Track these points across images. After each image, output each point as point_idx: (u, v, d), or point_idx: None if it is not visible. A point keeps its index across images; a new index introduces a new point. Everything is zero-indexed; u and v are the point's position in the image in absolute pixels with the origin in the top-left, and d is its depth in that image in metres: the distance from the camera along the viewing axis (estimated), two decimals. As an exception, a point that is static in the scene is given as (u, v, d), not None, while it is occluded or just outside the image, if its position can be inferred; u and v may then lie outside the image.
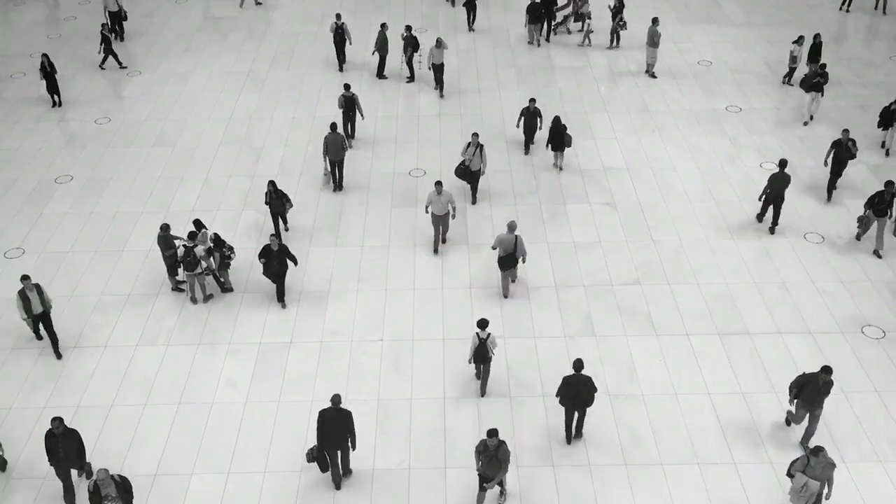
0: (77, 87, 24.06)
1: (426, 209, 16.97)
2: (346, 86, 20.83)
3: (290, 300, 16.32)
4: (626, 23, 25.63)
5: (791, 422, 13.39)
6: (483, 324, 13.65)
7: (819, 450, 11.16)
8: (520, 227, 18.14)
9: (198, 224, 16.30)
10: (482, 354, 13.70)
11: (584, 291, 16.46)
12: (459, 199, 19.00)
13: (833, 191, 18.76)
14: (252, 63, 25.36)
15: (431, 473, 12.96)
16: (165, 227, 15.90)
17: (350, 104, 20.80)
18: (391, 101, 23.24)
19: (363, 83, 24.14)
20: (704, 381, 14.51)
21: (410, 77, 24.15)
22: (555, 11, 26.54)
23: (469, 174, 18.48)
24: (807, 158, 20.44)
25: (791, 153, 20.65)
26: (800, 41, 22.87)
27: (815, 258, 17.26)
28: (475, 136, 18.26)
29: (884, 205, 16.78)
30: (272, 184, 17.07)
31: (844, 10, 28.35)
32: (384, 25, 23.64)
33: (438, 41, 22.43)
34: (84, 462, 12.37)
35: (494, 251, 17.42)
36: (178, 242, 16.23)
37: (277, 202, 17.27)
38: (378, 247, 17.71)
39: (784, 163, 17.51)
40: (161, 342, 15.44)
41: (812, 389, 12.61)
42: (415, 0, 29.44)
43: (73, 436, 12.08)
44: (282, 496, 12.66)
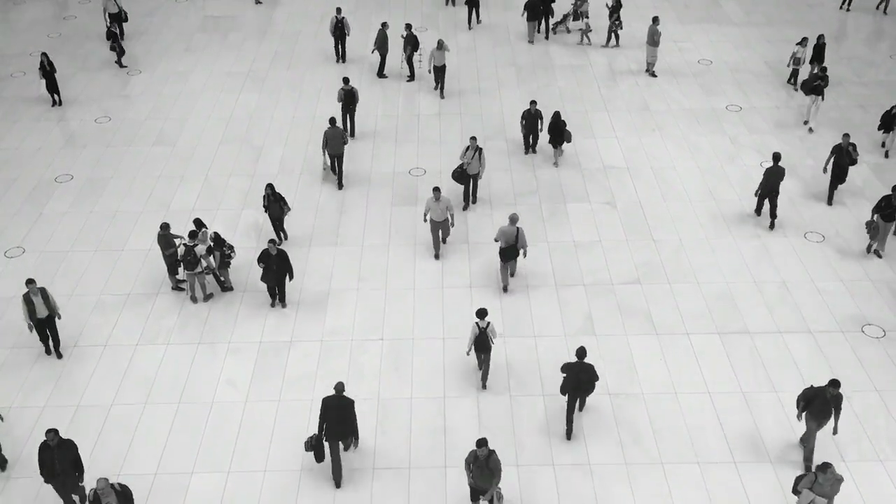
0: (77, 87, 24.06)
1: (424, 217, 16.80)
2: (346, 79, 20.91)
3: (290, 300, 16.32)
4: (622, 22, 25.62)
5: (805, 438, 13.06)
6: (482, 313, 13.78)
7: (827, 466, 10.96)
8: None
9: (198, 223, 16.29)
10: (482, 343, 13.81)
11: (585, 290, 16.46)
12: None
13: (834, 193, 18.66)
14: (252, 62, 25.36)
15: (431, 473, 12.96)
16: (165, 227, 15.90)
17: (349, 98, 20.90)
18: (391, 100, 23.23)
19: (363, 82, 24.13)
20: (704, 381, 14.51)
21: (410, 76, 24.14)
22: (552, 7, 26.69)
23: (467, 178, 18.34)
24: (807, 158, 20.44)
25: (791, 152, 20.65)
26: (803, 42, 22.76)
27: (816, 257, 17.26)
28: (473, 140, 18.12)
29: (891, 209, 16.54)
30: (270, 187, 16.96)
31: (845, 10, 28.34)
32: (385, 24, 23.63)
33: (440, 43, 22.37)
34: (82, 474, 11.97)
35: (495, 247, 17.43)
36: (179, 241, 16.23)
37: (275, 206, 17.15)
38: (378, 246, 17.71)
39: (778, 156, 17.58)
40: (161, 341, 15.44)
41: (820, 403, 12.33)
42: (415, 0, 29.48)
43: (69, 448, 11.70)
44: (282, 495, 12.66)
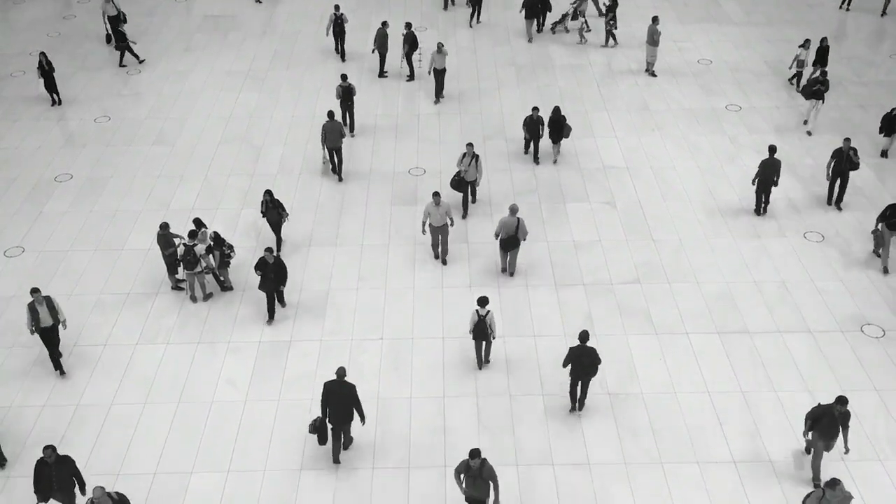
0: (77, 86, 24.05)
1: (423, 225, 16.57)
2: (344, 76, 21.11)
3: (290, 300, 16.31)
4: (616, 21, 25.61)
5: (819, 479, 12.74)
6: (483, 301, 14.06)
7: (835, 483, 10.79)
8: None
9: (198, 223, 16.29)
10: (481, 331, 14.05)
11: (584, 290, 16.46)
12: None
13: (833, 199, 18.60)
14: (252, 62, 25.35)
15: (431, 472, 12.96)
16: (165, 226, 15.89)
17: (347, 94, 21.11)
18: (391, 100, 23.23)
19: (363, 81, 24.12)
20: (704, 380, 14.51)
21: (410, 76, 24.14)
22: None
23: (465, 185, 18.16)
24: (806, 157, 20.44)
25: (791, 152, 20.65)
26: (806, 45, 22.56)
27: (815, 257, 17.26)
28: (470, 147, 17.94)
29: None
30: (269, 193, 16.79)
31: (845, 9, 28.33)
32: (384, 23, 23.64)
33: (439, 46, 22.21)
34: (84, 487, 11.77)
35: (495, 246, 17.44)
36: (178, 241, 16.23)
37: (273, 212, 16.94)
38: (378, 245, 17.70)
39: (773, 149, 17.81)
40: (161, 341, 15.44)
41: (828, 421, 12.14)
42: (414, 0, 29.47)
43: (67, 464, 11.47)
44: (281, 495, 12.66)
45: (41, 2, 29.68)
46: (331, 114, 19.24)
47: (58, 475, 11.42)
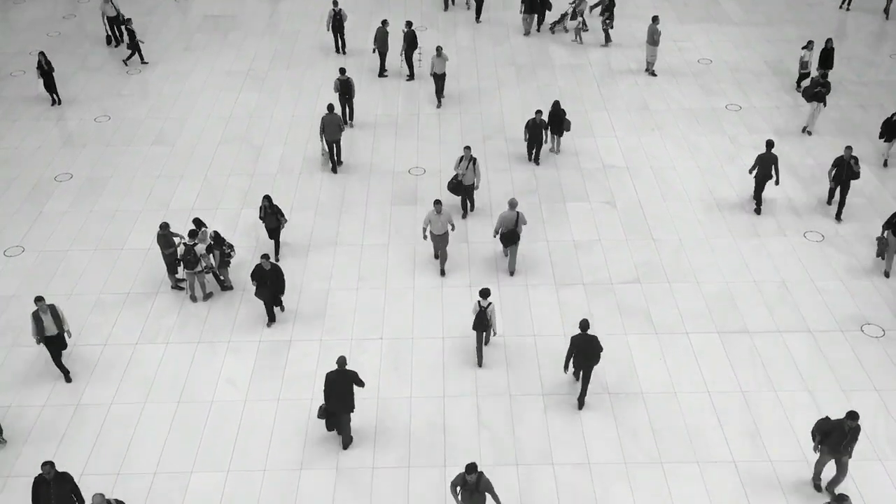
0: (77, 86, 24.05)
1: (424, 232, 16.40)
2: (342, 70, 21.28)
3: (290, 299, 16.31)
4: (612, 21, 25.63)
5: (820, 483, 12.60)
6: (485, 293, 14.14)
7: (843, 499, 10.72)
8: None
9: (197, 222, 16.29)
10: (482, 322, 14.15)
11: (584, 290, 16.46)
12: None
13: (831, 200, 18.52)
14: (252, 61, 25.35)
15: (431, 471, 12.96)
16: (165, 226, 15.89)
17: (346, 87, 21.31)
18: (391, 99, 23.23)
19: (363, 80, 24.12)
20: (704, 380, 14.51)
21: (410, 75, 24.13)
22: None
23: (462, 189, 18.03)
24: (807, 157, 20.44)
25: (791, 152, 20.64)
26: (809, 46, 22.44)
27: (815, 257, 17.26)
28: (467, 150, 17.72)
29: None
30: (267, 199, 16.58)
31: (845, 9, 28.32)
32: (384, 22, 23.66)
33: (439, 50, 21.95)
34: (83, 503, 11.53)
35: (495, 246, 17.44)
36: (178, 240, 16.23)
37: (272, 217, 16.76)
38: (378, 245, 17.70)
39: (771, 143, 17.94)
40: (161, 340, 15.44)
41: (838, 436, 11.86)
42: (414, 0, 29.46)
43: (66, 481, 11.23)
44: (281, 494, 12.66)
45: (41, 1, 29.68)
46: (330, 107, 19.50)
47: (56, 492, 11.18)
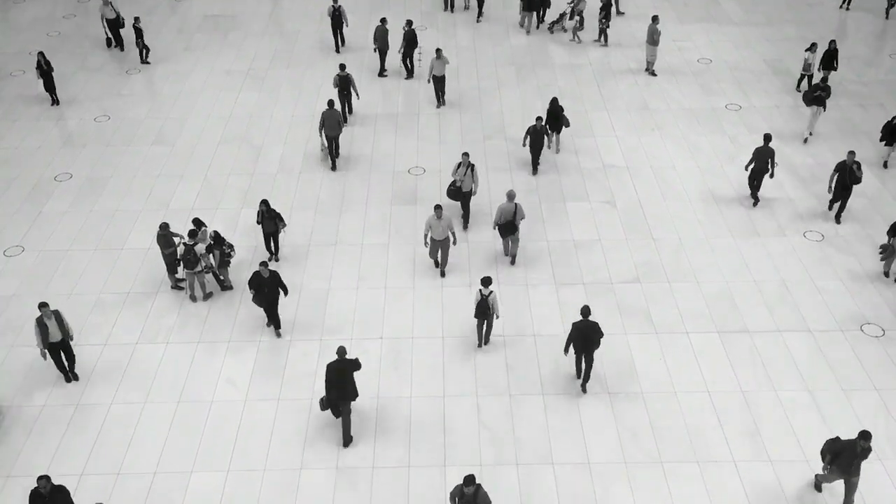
0: (76, 86, 24.05)
1: (425, 238, 16.27)
2: (342, 66, 21.29)
3: (290, 299, 16.31)
4: (609, 20, 25.65)
5: (821, 484, 12.48)
6: (486, 281, 14.32)
7: None
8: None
9: (197, 222, 16.28)
10: (483, 310, 14.41)
11: (584, 290, 16.46)
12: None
13: (832, 207, 18.24)
14: (252, 61, 25.35)
15: (431, 471, 12.96)
16: (165, 226, 15.89)
17: (345, 84, 21.39)
18: (391, 99, 23.23)
19: (363, 80, 24.12)
20: (704, 380, 14.51)
21: (409, 74, 24.14)
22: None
23: (461, 195, 17.77)
24: (807, 157, 20.44)
25: (791, 151, 20.64)
26: (812, 48, 22.30)
27: (815, 256, 17.26)
28: (465, 156, 17.45)
29: None
30: (265, 203, 16.39)
31: (844, 9, 28.32)
32: (383, 20, 23.68)
33: (439, 53, 21.78)
34: None
35: (495, 246, 17.44)
36: (178, 240, 16.22)
37: (270, 222, 16.53)
38: (378, 245, 17.70)
39: (768, 137, 18.04)
40: (160, 340, 15.44)
41: (849, 456, 11.60)
42: (414, 0, 29.46)
43: (62, 494, 11.14)
44: (281, 494, 12.67)
45: (41, 1, 29.67)
46: (330, 102, 19.64)
47: None
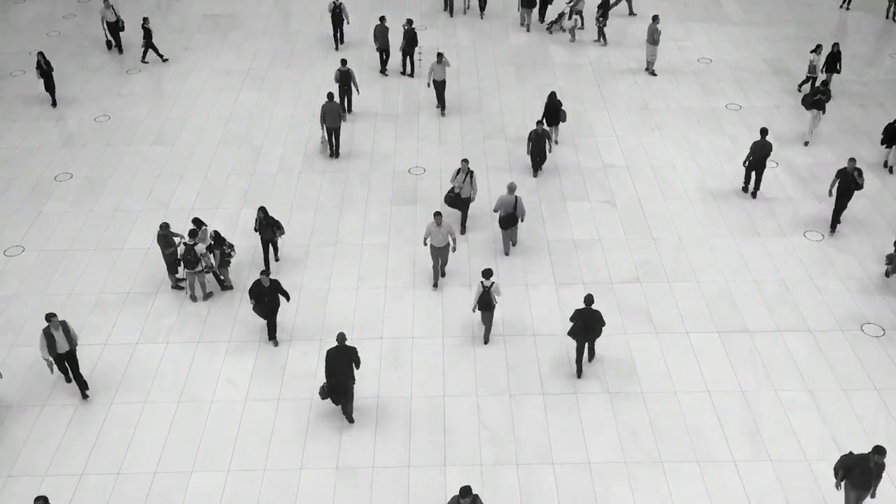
0: (76, 86, 24.05)
1: (424, 242, 16.16)
2: (343, 61, 21.63)
3: (290, 299, 16.29)
4: (606, 19, 25.67)
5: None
6: (487, 273, 14.48)
7: None
8: (519, 226, 18.12)
9: (197, 222, 16.29)
10: (486, 301, 14.58)
11: (584, 289, 16.45)
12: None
13: (837, 224, 17.75)
14: (252, 61, 25.35)
15: (431, 471, 12.97)
16: (165, 226, 15.89)
17: (346, 79, 21.63)
18: (391, 98, 23.23)
19: (363, 77, 24.11)
20: (704, 380, 14.51)
21: (410, 73, 24.17)
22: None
23: (460, 202, 17.61)
24: (806, 157, 20.44)
25: (791, 152, 20.65)
26: (818, 50, 22.23)
27: (815, 256, 17.26)
28: (465, 163, 17.30)
29: None
30: (262, 210, 16.24)
31: (844, 9, 28.32)
32: (382, 18, 23.72)
33: (440, 57, 21.61)
34: None
35: (495, 246, 17.45)
36: (178, 240, 16.22)
37: (268, 229, 16.35)
38: (378, 245, 17.70)
39: (765, 131, 18.29)
40: (161, 340, 15.44)
41: (862, 472, 11.28)
42: (414, 0, 29.46)
43: None
44: (281, 494, 12.67)
45: (41, 1, 29.67)
46: (330, 95, 19.93)
47: None
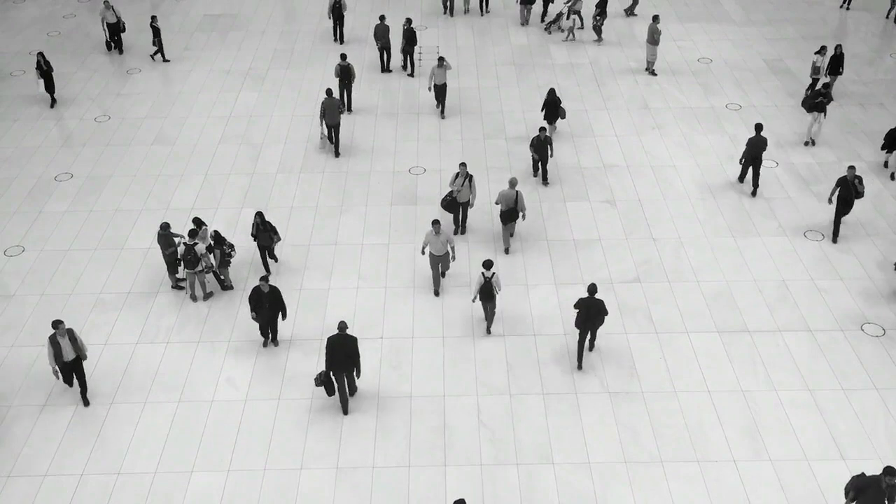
0: (77, 85, 24.05)
1: (423, 251, 16.01)
2: (343, 55, 21.73)
3: (291, 299, 16.32)
4: (603, 18, 25.67)
5: None
6: (488, 264, 14.55)
7: None
8: (519, 226, 18.14)
9: (198, 222, 16.28)
10: (487, 292, 14.69)
11: (584, 289, 16.45)
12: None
13: (838, 231, 17.51)
14: (251, 61, 25.35)
15: (431, 471, 12.97)
16: (165, 226, 15.88)
17: (345, 73, 21.79)
18: (391, 97, 23.23)
19: (363, 76, 24.11)
20: (704, 379, 14.52)
21: (410, 72, 24.16)
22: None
23: (457, 206, 17.41)
24: (806, 156, 20.44)
25: (791, 151, 20.64)
26: (822, 52, 22.13)
27: (815, 256, 17.26)
28: (463, 167, 17.12)
29: None
30: (260, 215, 16.00)
31: (845, 8, 28.32)
32: (382, 17, 23.76)
33: (440, 61, 21.47)
34: None
35: (495, 245, 17.45)
36: (178, 240, 16.22)
37: (265, 234, 16.15)
38: (378, 245, 17.71)
39: (759, 126, 18.31)
40: (161, 340, 15.44)
41: (874, 494, 11.02)
42: (414, 0, 29.46)
43: None
44: (281, 494, 12.67)
45: (41, 1, 29.67)
46: (329, 91, 19.97)
47: None
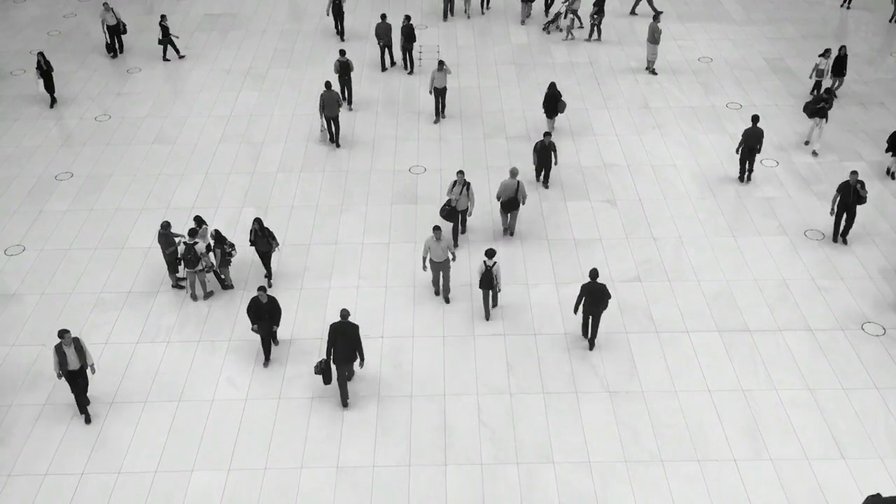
0: (77, 85, 24.05)
1: (423, 261, 15.77)
2: (342, 51, 21.86)
3: (291, 298, 16.32)
4: (600, 17, 25.69)
5: None
6: (490, 253, 14.81)
7: None
8: (519, 225, 18.14)
9: (198, 221, 16.29)
10: (488, 281, 14.99)
11: (584, 289, 16.46)
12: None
13: (839, 233, 17.35)
14: (252, 60, 25.35)
15: (431, 471, 12.97)
16: (166, 226, 15.88)
17: (344, 68, 21.94)
18: (392, 95, 23.22)
19: (363, 76, 24.11)
20: (704, 378, 14.52)
21: (406, 69, 24.17)
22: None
23: (456, 214, 17.11)
24: (807, 156, 20.43)
25: (792, 151, 20.64)
26: (826, 54, 22.10)
27: (815, 255, 17.25)
28: (461, 175, 16.91)
29: None
30: (258, 221, 15.74)
31: (845, 8, 28.30)
32: (384, 16, 23.77)
33: (440, 64, 21.31)
34: None
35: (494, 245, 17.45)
36: (179, 240, 16.22)
37: (263, 241, 15.96)
38: (378, 244, 17.71)
39: (756, 118, 18.60)
40: (161, 339, 15.45)
41: None
42: (414, 0, 29.45)
43: None
44: (281, 494, 12.67)
45: (41, 1, 29.67)
46: (328, 84, 20.18)
47: None
